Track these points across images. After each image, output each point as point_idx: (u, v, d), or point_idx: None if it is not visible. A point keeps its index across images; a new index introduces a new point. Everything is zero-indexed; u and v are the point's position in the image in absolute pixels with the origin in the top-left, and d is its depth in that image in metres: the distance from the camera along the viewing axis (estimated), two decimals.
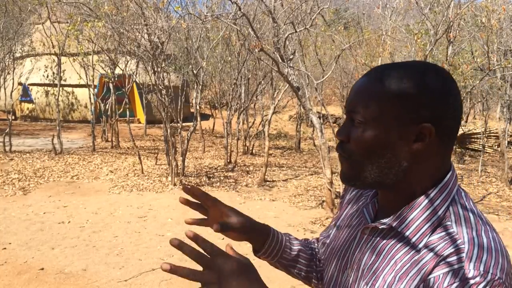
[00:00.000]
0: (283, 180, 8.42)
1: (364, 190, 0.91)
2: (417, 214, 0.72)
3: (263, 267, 1.23)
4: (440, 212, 0.71)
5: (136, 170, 8.51)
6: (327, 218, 6.01)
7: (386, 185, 0.75)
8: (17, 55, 12.95)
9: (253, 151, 11.76)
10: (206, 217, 0.96)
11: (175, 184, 7.51)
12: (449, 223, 0.70)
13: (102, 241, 4.89)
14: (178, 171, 7.86)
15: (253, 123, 12.60)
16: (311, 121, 7.20)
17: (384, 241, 0.76)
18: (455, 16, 6.17)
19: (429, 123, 0.70)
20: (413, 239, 0.71)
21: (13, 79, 12.20)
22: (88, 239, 4.94)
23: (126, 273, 4.05)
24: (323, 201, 6.65)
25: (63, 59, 10.95)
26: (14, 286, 3.74)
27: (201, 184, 7.74)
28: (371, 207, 0.83)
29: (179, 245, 0.72)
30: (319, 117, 6.52)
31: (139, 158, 8.44)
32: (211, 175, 8.52)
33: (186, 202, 0.94)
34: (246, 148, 11.63)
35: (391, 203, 0.77)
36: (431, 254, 0.68)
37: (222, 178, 8.33)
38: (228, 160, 9.80)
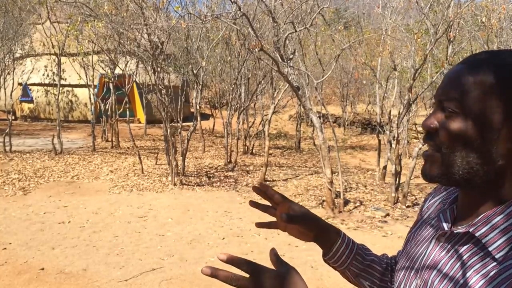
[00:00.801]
0: (283, 180, 8.42)
1: (444, 197, 0.83)
2: (501, 219, 0.64)
3: None
4: None
5: (136, 170, 8.52)
6: (327, 218, 6.01)
7: (474, 184, 0.67)
8: (17, 55, 12.95)
9: (253, 151, 11.76)
10: (274, 219, 0.95)
11: (175, 184, 7.51)
12: None
13: (102, 241, 4.89)
14: (178, 171, 7.86)
15: (253, 122, 12.60)
16: (311, 120, 7.20)
17: (461, 250, 0.67)
18: (455, 16, 6.17)
19: None
20: (492, 247, 0.63)
21: (13, 79, 12.20)
22: (88, 239, 4.94)
23: (127, 273, 4.05)
24: (323, 201, 6.65)
25: (63, 59, 10.95)
26: (15, 286, 3.74)
27: (201, 184, 7.74)
28: (449, 213, 0.74)
29: (212, 273, 0.69)
30: (319, 117, 6.52)
31: (139, 158, 8.44)
32: (211, 175, 8.52)
33: (255, 205, 0.94)
34: (246, 148, 11.64)
35: (473, 208, 0.69)
36: (509, 266, 0.59)
37: (222, 178, 8.33)
38: (228, 160, 9.80)
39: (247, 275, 0.71)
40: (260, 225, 0.96)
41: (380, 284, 0.96)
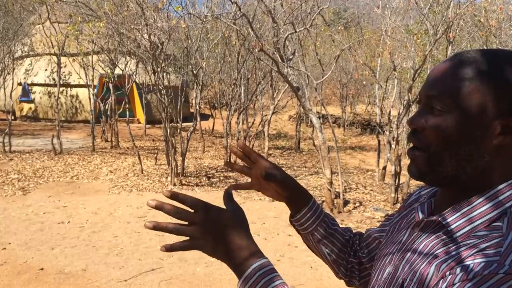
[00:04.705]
0: None
1: (428, 192, 0.84)
2: (469, 209, 0.66)
3: None
4: (497, 211, 0.64)
5: (136, 170, 8.51)
6: None
7: (460, 181, 0.68)
8: (17, 55, 12.94)
9: None
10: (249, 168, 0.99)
11: (174, 184, 7.51)
12: (500, 223, 0.62)
13: (101, 241, 4.89)
14: (178, 171, 7.86)
15: (253, 123, 12.59)
16: (310, 121, 7.20)
17: (431, 237, 0.69)
18: (455, 16, 6.18)
19: None
20: (456, 235, 0.65)
21: (12, 79, 12.18)
22: (87, 239, 4.94)
23: (126, 273, 4.05)
24: (323, 201, 6.65)
25: (63, 59, 10.95)
26: (14, 286, 3.74)
27: (201, 184, 7.74)
28: (427, 205, 0.76)
29: (157, 206, 0.74)
30: (319, 117, 6.53)
31: (139, 158, 8.44)
32: (211, 175, 8.52)
33: (230, 166, 1.00)
34: None
35: (453, 201, 0.70)
36: (468, 245, 0.62)
37: (222, 178, 8.33)
38: (228, 160, 9.79)
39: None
40: (235, 187, 0.95)
41: (338, 254, 0.98)
